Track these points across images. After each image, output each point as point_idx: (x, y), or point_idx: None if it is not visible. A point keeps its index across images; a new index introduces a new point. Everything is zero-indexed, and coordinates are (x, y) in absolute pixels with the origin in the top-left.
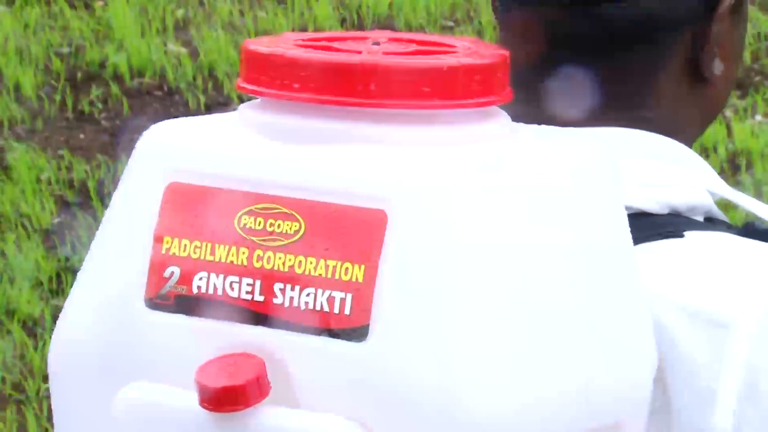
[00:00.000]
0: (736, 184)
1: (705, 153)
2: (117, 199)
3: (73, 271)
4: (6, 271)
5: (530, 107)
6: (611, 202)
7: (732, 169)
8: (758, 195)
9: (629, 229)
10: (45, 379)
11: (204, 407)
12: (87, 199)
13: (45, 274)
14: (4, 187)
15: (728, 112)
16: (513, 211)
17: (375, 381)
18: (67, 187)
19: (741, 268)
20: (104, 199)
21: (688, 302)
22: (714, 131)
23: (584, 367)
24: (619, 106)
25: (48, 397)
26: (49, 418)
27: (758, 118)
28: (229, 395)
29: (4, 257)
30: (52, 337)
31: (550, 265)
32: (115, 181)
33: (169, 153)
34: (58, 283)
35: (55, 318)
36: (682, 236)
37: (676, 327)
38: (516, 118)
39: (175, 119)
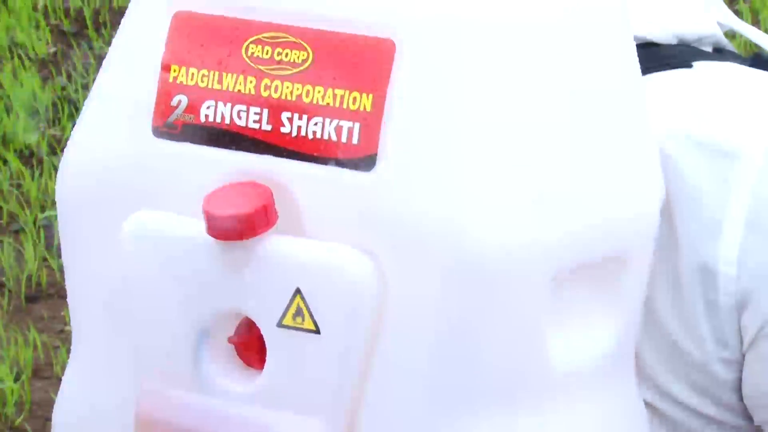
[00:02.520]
0: (734, 12)
1: None
2: (124, 27)
3: (70, 101)
4: (2, 100)
5: None
6: (619, 32)
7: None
8: (756, 23)
9: (637, 59)
10: (42, 208)
11: (211, 236)
12: (83, 29)
13: (41, 104)
14: (0, 16)
15: None
16: (521, 42)
17: (381, 210)
18: (63, 16)
19: (749, 98)
20: (100, 29)
21: (695, 133)
22: None
23: (591, 200)
24: None
25: (45, 227)
26: (47, 247)
27: None
28: (236, 224)
29: (0, 87)
30: (59, 165)
31: (558, 98)
32: (111, 11)
33: None
34: (55, 112)
35: (52, 147)
36: (690, 66)
37: (683, 158)
38: None
39: None
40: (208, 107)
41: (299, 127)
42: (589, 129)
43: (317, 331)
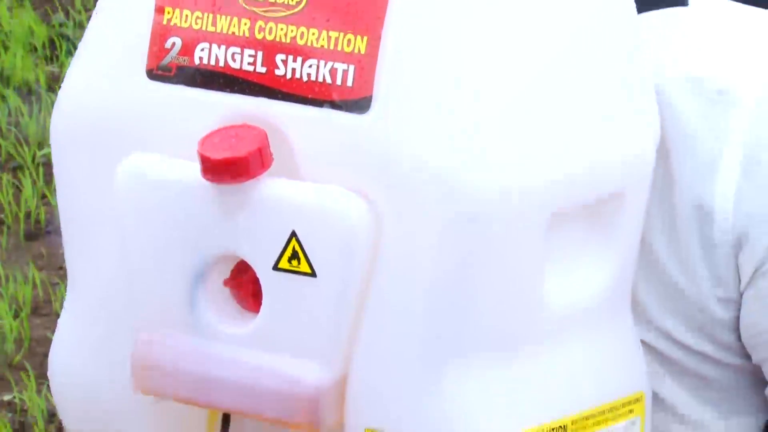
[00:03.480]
0: None
1: None
2: None
3: (67, 38)
4: None
5: None
6: None
7: None
8: None
9: None
10: (40, 145)
11: (206, 179)
12: None
13: (39, 40)
14: None
15: None
16: None
17: (376, 153)
18: None
19: (747, 37)
20: None
21: (692, 73)
22: None
23: (586, 141)
24: None
25: (44, 164)
26: (46, 185)
27: None
28: (231, 166)
29: None
30: (54, 106)
31: (552, 38)
32: None
33: None
34: (52, 49)
35: (49, 85)
36: (686, 4)
37: (679, 98)
38: None
39: None
40: (202, 49)
41: (293, 69)
42: (583, 69)
43: (313, 274)
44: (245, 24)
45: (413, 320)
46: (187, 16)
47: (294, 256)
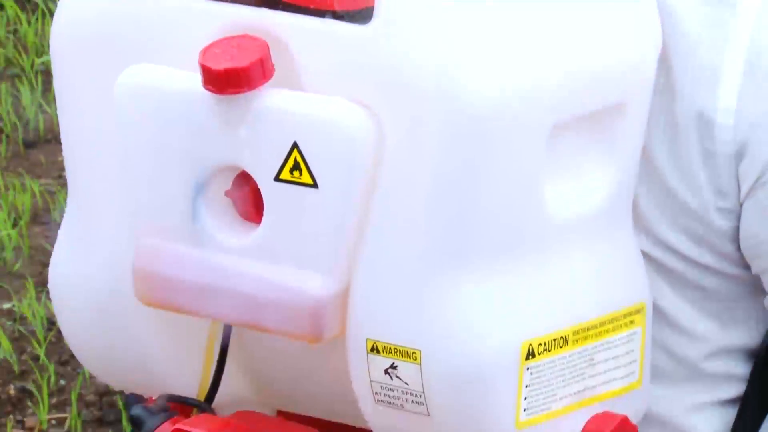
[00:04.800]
0: None
1: None
2: None
3: None
4: None
5: None
6: None
7: None
8: None
9: None
10: (39, 53)
11: (207, 89)
12: None
13: None
14: None
15: None
16: None
17: (378, 63)
18: None
19: None
20: None
21: None
22: None
23: (587, 49)
24: None
25: (43, 72)
26: (45, 93)
27: None
28: (232, 77)
29: None
30: (54, 15)
31: None
32: None
33: None
34: None
35: None
36: None
37: (681, 7)
38: None
39: None
40: None
41: None
42: None
43: (314, 185)
44: None
45: (415, 230)
46: None
47: (295, 166)
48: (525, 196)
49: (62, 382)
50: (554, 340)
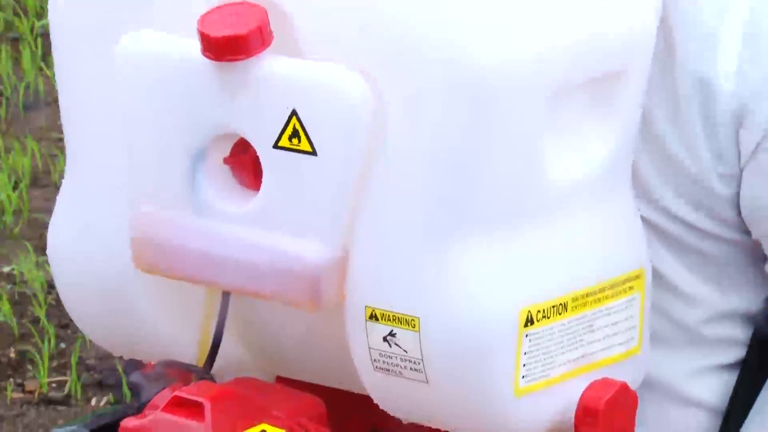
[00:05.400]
0: None
1: None
2: None
3: None
4: None
5: None
6: None
7: None
8: None
9: None
10: (39, 16)
11: (206, 56)
12: None
13: None
14: None
15: None
16: None
17: (379, 30)
18: None
19: None
20: None
21: None
22: None
23: (588, 15)
24: None
25: (43, 35)
26: (44, 57)
27: None
28: (231, 44)
29: None
30: None
31: None
32: None
33: None
34: None
35: None
36: None
37: None
38: None
39: None
40: None
41: None
42: None
43: (313, 152)
44: None
45: (415, 197)
46: None
47: (294, 134)
48: (525, 162)
49: (62, 345)
50: (553, 306)
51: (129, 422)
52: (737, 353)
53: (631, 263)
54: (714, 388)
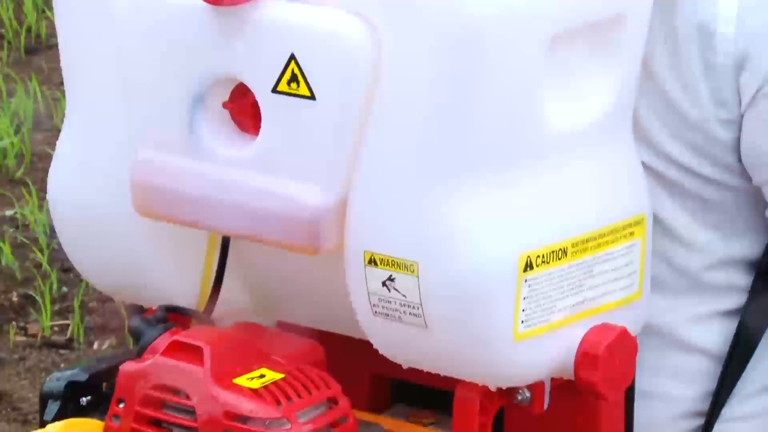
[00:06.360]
0: None
1: None
2: None
3: None
4: None
5: None
6: None
7: None
8: None
9: None
10: None
11: (206, 1)
12: None
13: None
14: None
15: None
16: None
17: None
18: None
19: None
20: None
21: None
22: None
23: None
24: None
25: None
26: (46, 1)
27: None
28: None
29: None
30: None
31: None
32: None
33: None
34: None
35: None
36: None
37: None
38: None
39: None
40: None
41: None
42: None
43: (312, 97)
44: None
45: (413, 142)
46: None
47: (293, 78)
48: (524, 107)
49: (64, 289)
50: (553, 252)
51: (128, 366)
52: (738, 300)
53: (631, 209)
54: (715, 335)
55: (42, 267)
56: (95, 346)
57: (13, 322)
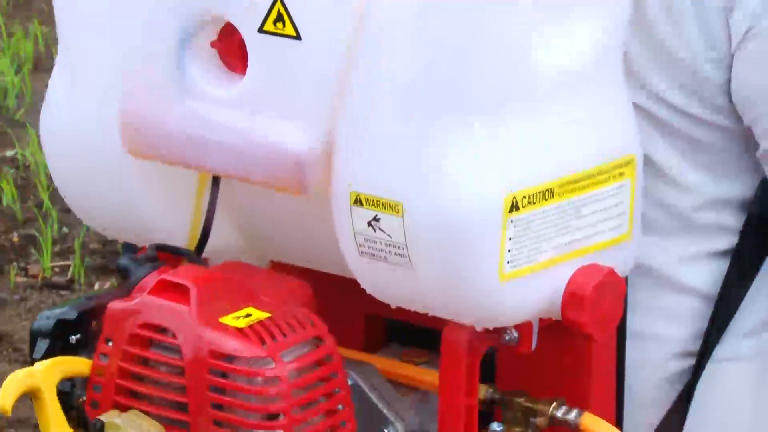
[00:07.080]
0: None
1: None
2: None
3: None
4: None
5: None
6: None
7: None
8: None
9: None
10: None
11: None
12: None
13: None
14: None
15: None
16: None
17: None
18: None
19: None
20: None
21: None
22: None
23: None
24: None
25: None
26: None
27: None
28: None
29: None
30: None
31: None
32: None
33: None
34: None
35: None
36: None
37: None
38: None
39: None
40: None
41: None
42: None
43: (298, 37)
44: None
45: (399, 83)
46: None
47: (279, 18)
48: (511, 47)
49: (65, 229)
50: (539, 192)
51: (116, 305)
52: (730, 240)
53: (621, 149)
54: (706, 275)
55: (43, 208)
56: (96, 287)
57: (14, 263)
